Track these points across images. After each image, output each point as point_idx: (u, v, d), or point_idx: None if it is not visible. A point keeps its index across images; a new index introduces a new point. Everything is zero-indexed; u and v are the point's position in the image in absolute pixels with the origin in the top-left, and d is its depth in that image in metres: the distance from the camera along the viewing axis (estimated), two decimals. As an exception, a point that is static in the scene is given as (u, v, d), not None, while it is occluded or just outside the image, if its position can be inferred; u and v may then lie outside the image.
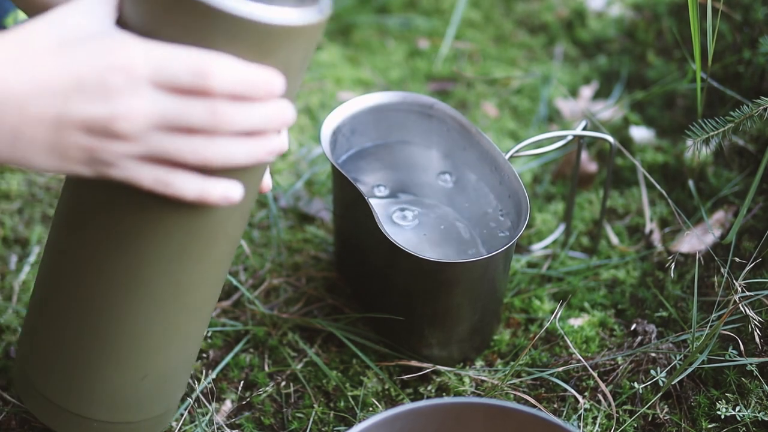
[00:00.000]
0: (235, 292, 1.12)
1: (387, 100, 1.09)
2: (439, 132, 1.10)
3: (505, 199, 1.04)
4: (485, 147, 1.06)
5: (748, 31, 1.28)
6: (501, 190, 1.04)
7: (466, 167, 1.09)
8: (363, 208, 0.98)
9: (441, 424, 0.82)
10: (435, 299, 0.99)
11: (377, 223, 0.95)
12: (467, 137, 1.07)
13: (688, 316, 1.05)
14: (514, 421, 0.81)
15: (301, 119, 1.39)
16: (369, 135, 1.11)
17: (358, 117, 1.08)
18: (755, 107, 0.98)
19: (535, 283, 1.13)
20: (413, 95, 1.10)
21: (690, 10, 1.02)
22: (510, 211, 1.03)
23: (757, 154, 1.20)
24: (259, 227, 1.21)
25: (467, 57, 1.50)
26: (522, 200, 0.98)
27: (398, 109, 1.10)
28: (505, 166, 1.03)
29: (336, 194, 1.08)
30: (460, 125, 1.08)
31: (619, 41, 1.48)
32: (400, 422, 0.81)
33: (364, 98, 1.09)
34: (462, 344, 1.04)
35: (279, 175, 1.29)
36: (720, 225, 1.15)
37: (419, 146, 1.12)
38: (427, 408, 0.81)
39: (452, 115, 1.08)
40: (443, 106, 1.09)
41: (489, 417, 0.82)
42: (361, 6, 1.60)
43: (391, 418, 0.81)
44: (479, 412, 0.82)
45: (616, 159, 1.28)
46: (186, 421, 0.98)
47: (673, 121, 1.33)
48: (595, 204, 1.23)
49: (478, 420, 0.82)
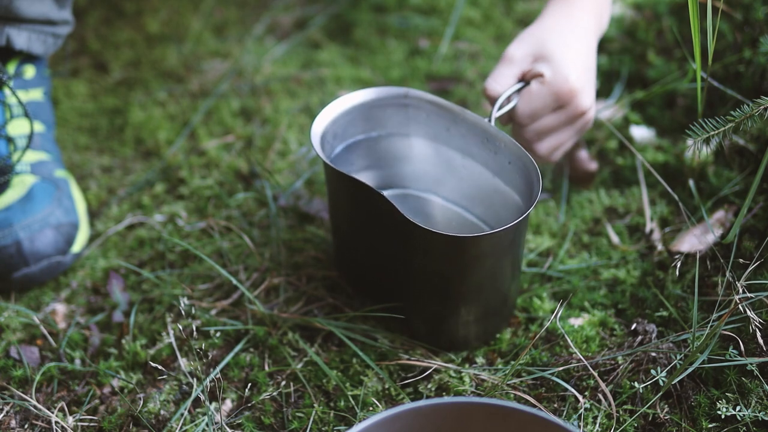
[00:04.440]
0: (235, 292, 1.12)
1: (362, 99, 1.08)
2: (416, 119, 1.09)
3: (505, 167, 1.03)
4: (472, 121, 1.05)
5: (749, 31, 1.28)
6: (498, 161, 1.04)
7: (451, 148, 1.09)
8: (375, 203, 0.97)
9: (441, 424, 0.82)
10: (471, 274, 0.98)
11: (402, 216, 0.94)
12: (449, 117, 1.07)
13: (688, 316, 1.05)
14: (514, 420, 0.81)
15: (301, 119, 1.39)
16: (349, 136, 1.10)
17: (338, 121, 1.07)
18: (756, 107, 0.98)
19: (536, 282, 1.13)
20: (386, 88, 1.09)
21: (690, 10, 1.02)
22: (513, 178, 1.03)
23: (757, 154, 1.20)
24: (259, 226, 1.21)
25: (467, 56, 1.49)
26: (527, 162, 0.98)
27: (375, 105, 1.09)
28: (498, 134, 1.03)
29: (337, 194, 1.07)
30: (439, 107, 1.07)
31: (620, 41, 1.48)
32: (400, 422, 0.81)
33: (341, 101, 1.07)
34: (495, 317, 1.04)
35: (279, 175, 1.29)
36: (720, 224, 1.15)
37: (400, 137, 1.11)
38: (427, 408, 0.81)
39: (429, 99, 1.08)
40: (417, 93, 1.08)
41: (489, 417, 0.82)
42: (358, 4, 1.60)
43: (391, 417, 0.80)
44: (479, 412, 0.82)
45: (617, 158, 1.28)
46: (186, 420, 0.98)
47: (674, 120, 1.33)
48: (596, 203, 1.23)
49: (479, 420, 0.82)
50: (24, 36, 1.17)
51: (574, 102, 1.09)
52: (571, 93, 1.08)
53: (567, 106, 1.09)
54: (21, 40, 1.17)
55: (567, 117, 1.10)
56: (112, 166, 1.35)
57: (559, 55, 1.08)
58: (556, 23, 1.12)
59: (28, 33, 1.17)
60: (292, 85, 1.47)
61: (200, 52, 1.55)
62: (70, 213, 1.17)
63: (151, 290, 1.14)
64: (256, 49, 1.55)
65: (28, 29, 1.17)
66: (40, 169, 1.18)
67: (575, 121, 1.11)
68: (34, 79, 1.22)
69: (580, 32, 1.12)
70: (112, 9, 1.65)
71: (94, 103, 1.46)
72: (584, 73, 1.10)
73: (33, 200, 1.14)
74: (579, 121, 1.12)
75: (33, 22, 1.17)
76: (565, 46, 1.09)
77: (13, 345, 1.08)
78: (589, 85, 1.10)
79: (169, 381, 1.03)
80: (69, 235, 1.15)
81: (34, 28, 1.18)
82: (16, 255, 1.11)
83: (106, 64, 1.54)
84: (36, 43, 1.19)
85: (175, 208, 1.25)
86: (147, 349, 1.07)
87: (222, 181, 1.29)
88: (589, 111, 1.11)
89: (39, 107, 1.22)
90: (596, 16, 1.15)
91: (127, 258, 1.19)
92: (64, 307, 1.14)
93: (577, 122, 1.11)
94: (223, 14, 1.64)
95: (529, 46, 1.10)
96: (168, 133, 1.39)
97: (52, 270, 1.14)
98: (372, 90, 1.08)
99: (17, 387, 1.03)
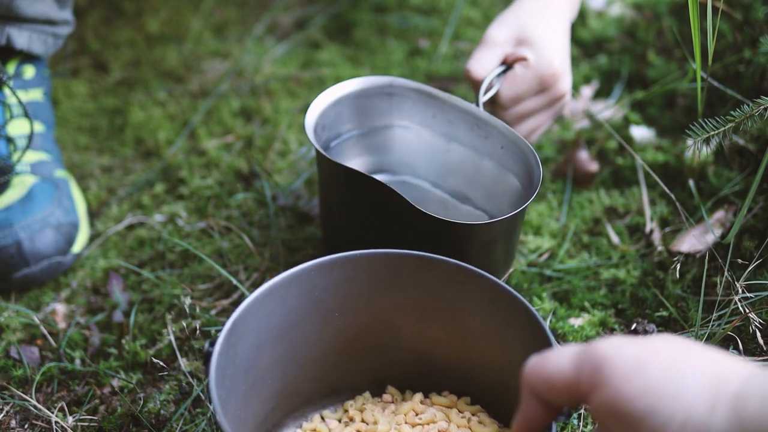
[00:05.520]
0: (235, 292, 1.12)
1: (348, 90, 1.08)
2: (401, 108, 1.09)
3: (498, 151, 1.03)
4: (460, 107, 1.05)
5: (749, 31, 1.28)
6: (489, 145, 1.04)
7: (438, 135, 1.09)
8: (380, 194, 0.96)
9: (374, 273, 0.89)
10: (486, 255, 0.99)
11: (412, 207, 0.94)
12: (435, 104, 1.07)
13: (688, 316, 1.05)
14: (440, 270, 0.88)
15: (301, 119, 1.39)
16: (338, 128, 1.10)
17: (326, 113, 1.07)
18: (756, 107, 0.98)
19: (536, 282, 1.13)
20: (371, 78, 1.09)
21: (690, 10, 1.02)
22: (508, 162, 1.03)
23: (757, 154, 1.20)
24: (258, 226, 1.21)
25: (467, 56, 1.49)
26: (522, 146, 0.99)
27: (361, 96, 1.09)
28: (489, 119, 1.03)
29: (331, 184, 1.06)
30: (425, 95, 1.07)
31: (620, 40, 1.48)
32: (336, 268, 0.88)
33: (327, 93, 1.07)
34: None
35: (279, 174, 1.29)
36: (720, 224, 1.15)
37: (387, 126, 1.11)
38: (361, 257, 0.88)
39: (413, 87, 1.08)
40: (402, 81, 1.08)
41: (417, 267, 0.88)
42: (358, 4, 1.60)
43: (329, 263, 0.88)
44: (408, 263, 0.88)
45: (617, 158, 1.28)
46: (186, 420, 0.98)
47: (674, 120, 1.33)
48: (596, 203, 1.23)
49: (408, 269, 0.89)
50: (24, 36, 1.17)
51: (556, 85, 1.11)
52: (555, 76, 1.10)
53: (549, 89, 1.11)
54: (21, 39, 1.17)
55: (548, 100, 1.12)
56: (112, 166, 1.35)
57: (542, 39, 1.10)
58: (536, 6, 1.14)
59: (28, 33, 1.17)
60: (292, 85, 1.47)
61: (200, 52, 1.55)
62: (70, 213, 1.17)
63: (151, 290, 1.14)
64: (256, 49, 1.55)
65: (28, 29, 1.17)
66: (40, 170, 1.18)
67: (555, 104, 1.14)
68: (33, 79, 1.22)
69: (558, 16, 1.15)
70: (112, 9, 1.65)
71: (94, 103, 1.46)
72: (565, 57, 1.12)
73: (33, 200, 1.14)
74: (557, 105, 1.14)
75: (33, 21, 1.17)
76: (545, 30, 1.11)
77: (13, 345, 1.08)
78: (568, 69, 1.13)
79: (169, 381, 1.03)
80: (69, 235, 1.15)
81: (35, 27, 1.18)
82: (17, 255, 1.11)
83: (106, 64, 1.54)
84: (36, 42, 1.19)
85: (175, 208, 1.25)
86: (147, 349, 1.07)
87: (222, 181, 1.29)
88: (567, 94, 1.14)
89: (39, 107, 1.22)
90: (570, 2, 1.18)
91: (127, 258, 1.19)
92: (64, 307, 1.14)
93: (555, 105, 1.14)
94: (223, 14, 1.64)
95: (510, 30, 1.12)
96: (168, 133, 1.39)
97: (53, 270, 1.14)
98: (357, 80, 1.09)
99: (17, 387, 1.03)
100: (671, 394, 0.58)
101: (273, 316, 0.86)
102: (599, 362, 0.61)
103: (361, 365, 0.95)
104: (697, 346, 0.61)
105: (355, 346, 0.93)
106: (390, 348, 0.94)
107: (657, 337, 0.63)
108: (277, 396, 0.91)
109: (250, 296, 0.83)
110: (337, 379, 0.94)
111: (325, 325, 0.91)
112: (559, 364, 0.64)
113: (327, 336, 0.92)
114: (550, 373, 0.64)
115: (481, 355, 0.90)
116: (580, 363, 0.62)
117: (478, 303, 0.87)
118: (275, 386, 0.90)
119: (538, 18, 1.12)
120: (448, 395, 0.94)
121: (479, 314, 0.88)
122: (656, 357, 0.60)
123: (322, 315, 0.90)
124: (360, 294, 0.90)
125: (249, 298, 0.83)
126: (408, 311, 0.91)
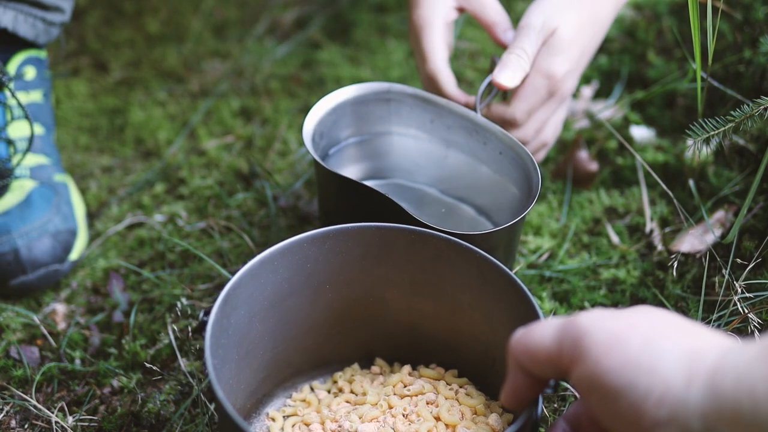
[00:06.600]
0: (235, 292, 1.12)
1: (346, 97, 1.08)
2: (398, 113, 1.09)
3: (496, 157, 1.03)
4: (457, 112, 1.05)
5: (749, 31, 1.28)
6: (488, 151, 1.04)
7: (437, 141, 1.09)
8: (376, 202, 0.96)
9: (367, 246, 0.90)
10: None
11: (409, 216, 0.94)
12: (433, 110, 1.07)
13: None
14: (432, 246, 0.88)
15: (301, 119, 1.39)
16: (336, 136, 1.10)
17: (324, 120, 1.06)
18: (756, 107, 0.98)
19: (535, 282, 1.13)
20: (368, 85, 1.08)
21: (690, 10, 1.01)
22: (506, 168, 1.03)
23: (757, 154, 1.20)
24: (258, 226, 1.21)
25: (467, 56, 1.49)
26: (520, 152, 0.99)
27: (359, 102, 1.09)
28: (487, 125, 1.03)
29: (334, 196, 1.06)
30: (423, 100, 1.07)
31: (620, 40, 1.48)
32: (329, 240, 0.89)
33: (325, 100, 1.06)
34: None
35: (279, 175, 1.29)
36: (720, 224, 1.15)
37: (387, 134, 1.11)
38: (354, 230, 0.89)
39: (411, 93, 1.08)
40: (400, 87, 1.08)
41: (410, 242, 0.89)
42: (358, 4, 1.60)
43: (322, 235, 0.88)
44: (401, 238, 0.89)
45: (617, 158, 1.28)
46: (186, 420, 0.98)
47: (674, 120, 1.33)
48: (596, 203, 1.23)
49: (401, 244, 0.89)
50: (9, 15, 1.15)
51: (563, 88, 1.09)
52: (562, 80, 1.08)
53: (556, 93, 1.09)
54: (6, 18, 1.14)
55: (557, 103, 1.11)
56: (112, 166, 1.35)
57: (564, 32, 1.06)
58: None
59: (14, 12, 1.15)
60: (291, 85, 1.47)
61: (200, 52, 1.55)
62: (69, 220, 1.16)
63: (151, 290, 1.14)
64: (256, 49, 1.55)
65: (14, 8, 1.15)
66: (39, 174, 1.17)
67: (563, 102, 1.13)
68: (34, 81, 1.22)
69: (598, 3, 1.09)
70: (112, 9, 1.65)
71: (94, 103, 1.46)
72: (583, 55, 1.09)
73: (31, 206, 1.13)
74: (565, 102, 1.14)
75: (20, 0, 1.15)
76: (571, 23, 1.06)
77: (13, 345, 1.08)
78: (579, 67, 1.10)
79: (169, 381, 1.03)
80: (67, 243, 1.14)
81: (22, 8, 1.15)
82: (14, 263, 1.10)
83: (106, 63, 1.54)
84: (24, 25, 1.16)
85: (175, 208, 1.25)
86: (147, 349, 1.07)
87: (222, 181, 1.29)
88: (572, 89, 1.11)
89: (39, 109, 1.22)
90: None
91: (127, 258, 1.19)
92: (64, 307, 1.14)
93: (564, 103, 1.14)
94: (223, 14, 1.64)
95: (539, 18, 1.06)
96: (168, 133, 1.39)
97: (50, 278, 1.13)
98: (355, 87, 1.08)
99: (17, 387, 1.03)
100: (649, 369, 0.59)
101: (266, 286, 0.87)
102: (579, 336, 0.62)
103: (350, 337, 0.96)
104: (677, 319, 0.63)
105: (345, 318, 0.95)
106: (379, 320, 0.96)
107: (638, 309, 0.64)
108: (268, 366, 0.92)
109: (244, 266, 0.84)
110: (327, 351, 0.96)
111: (316, 297, 0.92)
112: (542, 337, 0.65)
113: (318, 308, 0.93)
114: (534, 346, 0.66)
115: (469, 328, 0.92)
116: (562, 336, 0.64)
117: (467, 277, 0.88)
118: (266, 356, 0.91)
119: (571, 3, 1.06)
120: (436, 368, 0.96)
121: (468, 288, 0.89)
122: (635, 331, 0.61)
123: (314, 287, 0.91)
124: (352, 267, 0.91)
125: (243, 268, 0.84)
126: (398, 285, 0.93)
